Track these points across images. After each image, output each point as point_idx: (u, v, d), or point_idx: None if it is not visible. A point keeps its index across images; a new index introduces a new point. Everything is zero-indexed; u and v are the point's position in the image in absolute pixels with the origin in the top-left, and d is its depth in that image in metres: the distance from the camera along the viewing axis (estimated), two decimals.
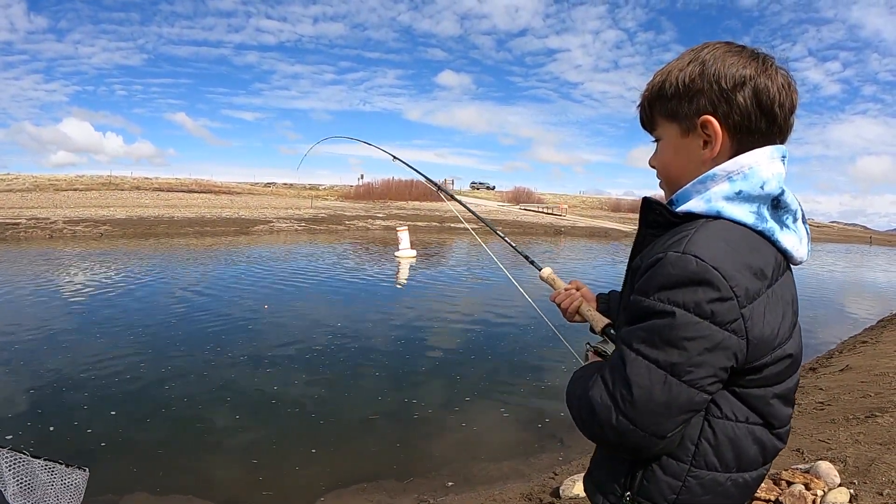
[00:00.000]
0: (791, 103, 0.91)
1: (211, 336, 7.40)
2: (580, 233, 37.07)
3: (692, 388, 0.81)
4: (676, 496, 0.90)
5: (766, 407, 0.91)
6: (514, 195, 63.39)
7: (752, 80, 0.88)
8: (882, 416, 3.98)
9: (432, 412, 5.17)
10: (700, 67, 0.90)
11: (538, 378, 6.22)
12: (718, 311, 0.79)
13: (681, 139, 0.94)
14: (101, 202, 32.73)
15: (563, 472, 3.96)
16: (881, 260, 32.93)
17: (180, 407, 5.04)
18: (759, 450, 0.92)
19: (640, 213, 0.97)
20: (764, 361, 0.86)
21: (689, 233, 0.85)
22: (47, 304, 9.18)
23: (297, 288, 11.57)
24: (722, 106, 0.88)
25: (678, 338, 0.80)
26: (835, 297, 14.89)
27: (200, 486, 3.78)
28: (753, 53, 0.91)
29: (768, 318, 0.84)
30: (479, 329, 8.44)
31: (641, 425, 0.83)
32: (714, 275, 0.79)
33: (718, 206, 0.87)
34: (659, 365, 0.81)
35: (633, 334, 0.85)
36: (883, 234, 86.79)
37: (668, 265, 0.82)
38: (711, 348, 0.80)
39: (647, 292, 0.84)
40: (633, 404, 0.82)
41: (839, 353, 7.55)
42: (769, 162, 0.88)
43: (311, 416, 4.97)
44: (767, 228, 0.87)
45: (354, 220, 32.53)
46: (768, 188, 0.87)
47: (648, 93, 0.98)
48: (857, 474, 2.98)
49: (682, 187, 0.93)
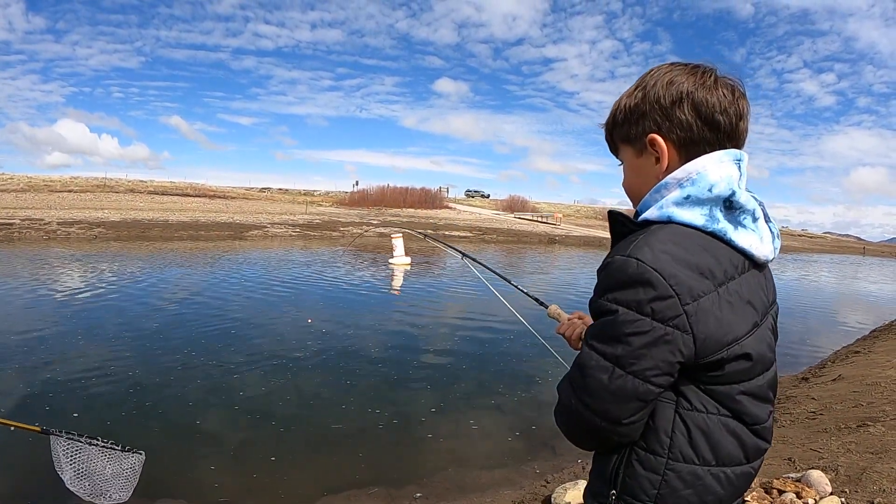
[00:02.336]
0: (737, 110, 0.96)
1: (202, 340, 7.34)
2: (574, 242, 37.16)
3: (637, 378, 0.87)
4: (657, 491, 0.92)
5: (732, 403, 0.94)
6: (508, 204, 63.54)
7: (689, 95, 0.94)
8: (874, 425, 3.98)
9: (424, 419, 5.14)
10: (642, 92, 0.99)
11: (530, 386, 6.20)
12: (658, 308, 0.85)
13: (636, 160, 1.03)
14: (96, 204, 32.58)
15: (554, 481, 3.94)
16: (874, 271, 33.13)
17: (171, 411, 4.99)
18: (736, 443, 0.95)
19: (609, 225, 1.05)
20: (720, 357, 0.89)
21: (637, 238, 0.91)
22: (39, 305, 9.09)
23: (290, 294, 11.52)
24: (665, 123, 0.96)
25: (621, 333, 0.87)
26: (828, 307, 14.96)
27: (191, 490, 3.73)
28: (693, 69, 0.97)
29: (718, 315, 0.88)
30: (473, 337, 8.42)
31: (595, 409, 0.91)
32: (653, 275, 0.85)
33: (669, 211, 0.93)
34: (606, 357, 0.89)
35: (589, 331, 0.95)
36: (876, 244, 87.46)
37: (613, 269, 0.90)
38: (653, 342, 0.86)
39: (599, 293, 0.93)
40: (586, 390, 0.91)
41: (832, 363, 7.57)
42: (717, 166, 0.94)
43: (302, 422, 4.93)
44: (719, 229, 0.92)
45: (349, 227, 32.51)
46: (717, 191, 0.92)
47: (608, 122, 1.07)
48: (848, 483, 2.97)
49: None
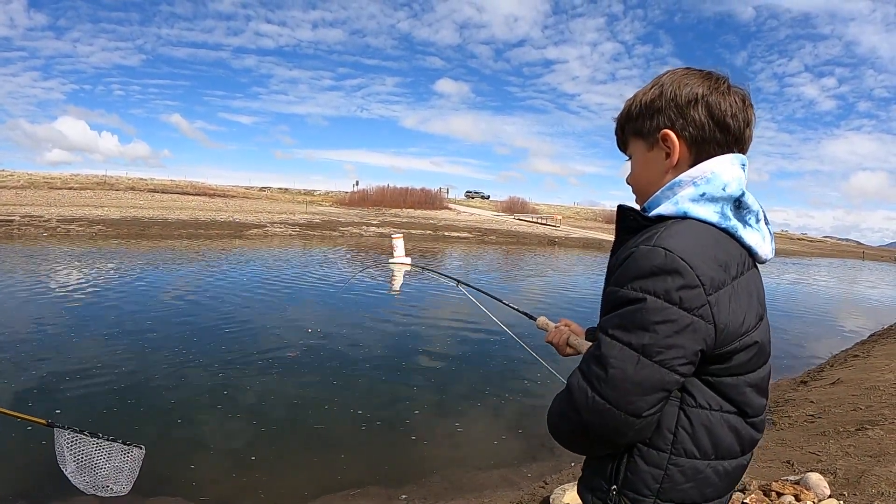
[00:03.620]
0: (745, 117, 1.01)
1: (200, 338, 7.33)
2: (574, 244, 37.15)
3: (663, 367, 0.87)
4: (660, 485, 0.94)
5: (739, 396, 0.97)
6: (508, 205, 63.50)
7: (704, 97, 0.99)
8: (872, 428, 3.98)
9: (422, 420, 5.14)
10: (659, 90, 1.03)
11: (528, 387, 6.19)
12: (686, 297, 0.86)
13: (647, 153, 1.06)
14: (96, 202, 32.55)
15: (553, 482, 3.93)
16: (873, 275, 33.15)
17: (168, 408, 4.98)
18: (734, 438, 0.98)
19: (616, 219, 1.08)
20: (734, 347, 0.92)
21: (658, 230, 0.93)
22: (36, 301, 9.06)
23: (289, 293, 11.50)
24: (678, 121, 1.00)
25: (649, 322, 0.87)
26: (827, 311, 14.96)
27: (186, 490, 3.72)
28: (707, 75, 1.02)
29: (734, 307, 0.91)
30: (472, 338, 8.41)
31: (617, 403, 0.89)
32: (681, 264, 0.87)
33: (685, 207, 0.95)
34: (632, 347, 0.88)
35: (609, 321, 0.93)
36: (876, 249, 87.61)
37: (639, 257, 0.90)
38: (680, 331, 0.87)
39: (621, 283, 0.92)
40: (607, 382, 0.89)
41: (830, 367, 7.57)
42: (730, 167, 0.98)
43: (300, 422, 4.92)
44: (731, 226, 0.95)
45: (349, 227, 32.49)
46: (730, 190, 0.96)
47: (621, 116, 1.11)
48: (846, 486, 2.97)
49: (651, 196, 1.03)
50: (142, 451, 2.65)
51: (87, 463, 2.45)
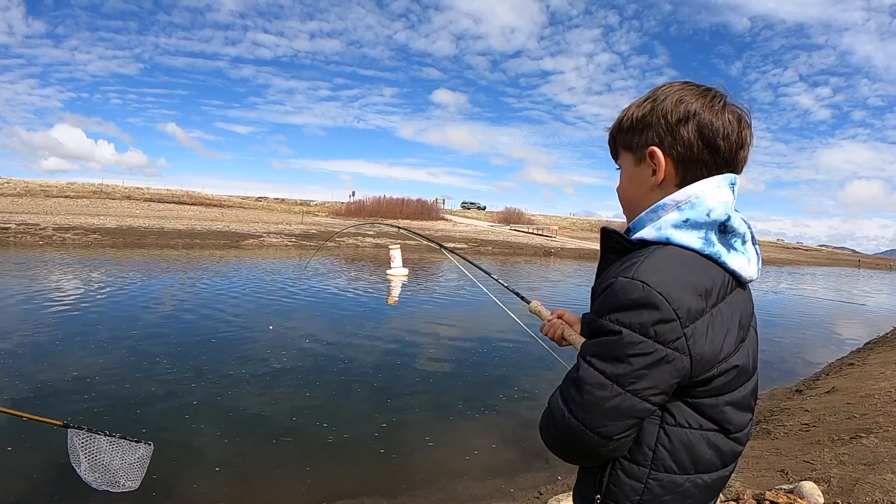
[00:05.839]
0: (739, 138, 0.98)
1: (194, 349, 7.29)
2: (569, 254, 37.23)
3: (636, 396, 0.89)
4: (640, 497, 0.97)
5: (719, 414, 0.97)
6: (504, 216, 63.67)
7: (696, 115, 0.96)
8: (867, 436, 3.99)
9: (418, 430, 5.11)
10: (651, 104, 1.01)
11: (524, 398, 6.17)
12: (661, 331, 0.87)
13: (634, 168, 1.05)
14: (92, 210, 32.52)
15: (548, 492, 3.91)
16: (868, 283, 33.27)
17: (161, 419, 4.94)
18: (715, 454, 0.99)
19: (601, 241, 1.07)
20: (711, 374, 0.93)
21: (638, 259, 0.93)
22: (30, 309, 9.00)
23: (285, 303, 11.48)
24: (667, 138, 0.98)
25: (624, 354, 0.89)
26: (822, 319, 14.99)
27: (183, 500, 3.69)
28: (704, 91, 0.99)
29: (711, 336, 0.91)
30: (468, 348, 8.40)
31: (590, 426, 0.92)
32: (658, 298, 0.87)
33: (668, 233, 0.95)
34: (606, 375, 0.90)
35: (588, 348, 0.95)
36: (871, 257, 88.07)
37: (619, 289, 0.91)
38: (654, 363, 0.88)
39: (600, 313, 0.93)
40: (581, 406, 0.92)
41: (825, 375, 7.59)
42: (715, 191, 0.97)
43: (296, 432, 4.89)
44: (714, 252, 0.94)
45: (344, 237, 32.48)
46: (714, 215, 0.94)
47: (613, 127, 1.10)
48: (840, 494, 2.97)
49: (637, 212, 1.04)
50: (150, 447, 2.73)
51: (100, 461, 2.56)
